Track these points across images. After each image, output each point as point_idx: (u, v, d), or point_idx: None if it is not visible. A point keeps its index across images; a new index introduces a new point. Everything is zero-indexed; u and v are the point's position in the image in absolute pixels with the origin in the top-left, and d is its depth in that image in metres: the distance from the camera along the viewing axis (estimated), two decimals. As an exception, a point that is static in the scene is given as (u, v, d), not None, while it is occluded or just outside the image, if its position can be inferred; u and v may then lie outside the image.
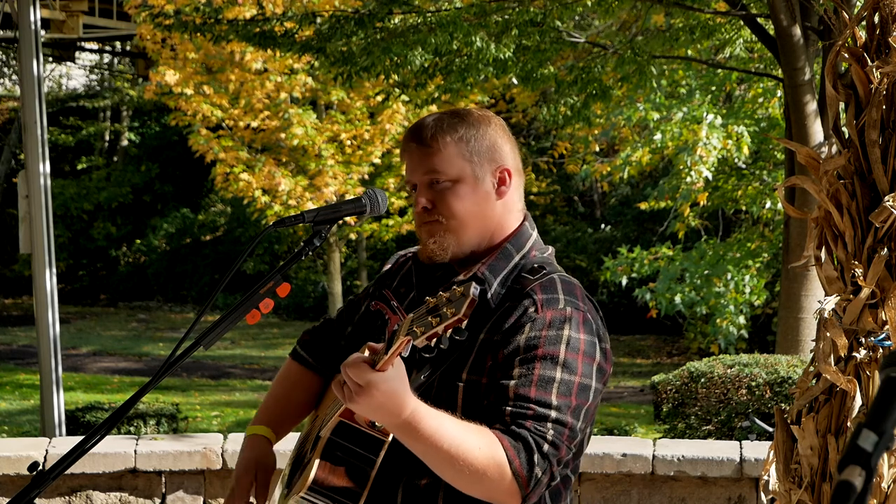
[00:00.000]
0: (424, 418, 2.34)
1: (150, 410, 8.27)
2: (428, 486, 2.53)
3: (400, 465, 2.54)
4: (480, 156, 2.60)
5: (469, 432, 2.37)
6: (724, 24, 10.13)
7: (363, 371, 2.29)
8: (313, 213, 2.59)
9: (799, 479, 3.77)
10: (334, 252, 15.65)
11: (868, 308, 3.66)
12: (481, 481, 2.37)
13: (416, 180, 2.62)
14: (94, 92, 26.36)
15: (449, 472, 2.38)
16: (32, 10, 8.37)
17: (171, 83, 14.12)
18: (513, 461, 2.37)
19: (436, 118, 2.63)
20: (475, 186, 2.59)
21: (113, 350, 17.22)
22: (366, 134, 14.56)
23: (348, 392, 2.32)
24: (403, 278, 2.76)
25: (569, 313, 2.50)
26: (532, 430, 2.40)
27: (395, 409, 2.31)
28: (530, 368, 2.44)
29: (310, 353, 2.90)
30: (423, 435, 2.34)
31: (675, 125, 12.62)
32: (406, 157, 2.64)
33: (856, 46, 3.72)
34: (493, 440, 2.38)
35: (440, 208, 2.58)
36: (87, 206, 23.48)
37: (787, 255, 8.81)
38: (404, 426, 2.34)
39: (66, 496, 5.89)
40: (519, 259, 2.61)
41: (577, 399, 2.45)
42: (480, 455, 2.35)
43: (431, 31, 8.54)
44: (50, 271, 8.38)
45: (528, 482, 2.38)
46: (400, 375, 2.32)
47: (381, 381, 2.28)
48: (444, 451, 2.35)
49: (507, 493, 2.39)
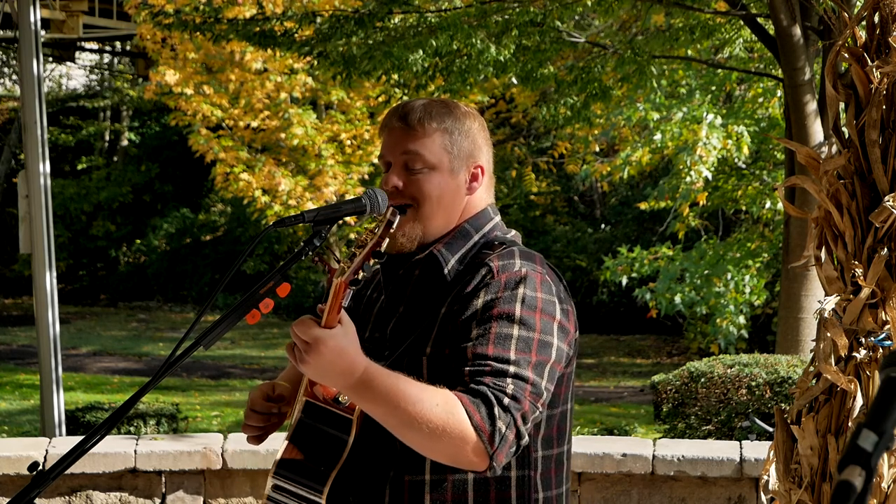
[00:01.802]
0: (379, 377, 2.30)
1: (150, 410, 8.27)
2: (413, 482, 2.52)
3: (386, 461, 2.53)
4: (460, 150, 2.62)
5: (426, 391, 2.33)
6: (724, 24, 10.13)
7: (309, 327, 2.27)
8: (313, 213, 2.59)
9: (799, 479, 3.77)
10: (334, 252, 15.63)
11: (868, 308, 3.66)
12: (442, 440, 2.31)
13: (392, 159, 2.62)
14: (94, 92, 26.37)
15: (409, 434, 2.33)
16: (32, 10, 8.37)
17: (171, 83, 14.13)
18: (472, 416, 2.32)
19: (425, 103, 2.64)
20: (449, 178, 2.60)
21: (113, 350, 17.23)
22: (366, 134, 14.56)
23: (299, 353, 2.29)
24: (376, 284, 2.79)
25: (524, 273, 2.50)
26: (490, 385, 2.36)
27: (347, 367, 2.28)
28: (487, 328, 2.43)
29: None
30: (380, 395, 2.30)
31: (674, 125, 12.62)
32: (386, 134, 2.65)
33: (856, 46, 3.72)
34: (451, 397, 2.34)
35: (411, 190, 2.59)
36: (87, 206, 23.49)
37: (787, 255, 8.81)
38: (359, 386, 2.30)
39: (66, 496, 5.89)
40: (478, 238, 2.62)
41: (537, 355, 2.43)
42: (439, 412, 2.30)
43: (432, 33, 8.54)
44: (50, 271, 8.39)
45: (491, 438, 2.32)
46: (348, 333, 2.30)
47: (328, 336, 2.26)
48: (401, 411, 2.30)
49: (473, 452, 2.33)
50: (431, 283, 2.59)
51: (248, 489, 5.99)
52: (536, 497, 2.55)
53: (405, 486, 2.53)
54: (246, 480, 5.98)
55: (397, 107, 2.67)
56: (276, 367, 16.34)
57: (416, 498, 2.52)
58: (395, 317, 2.63)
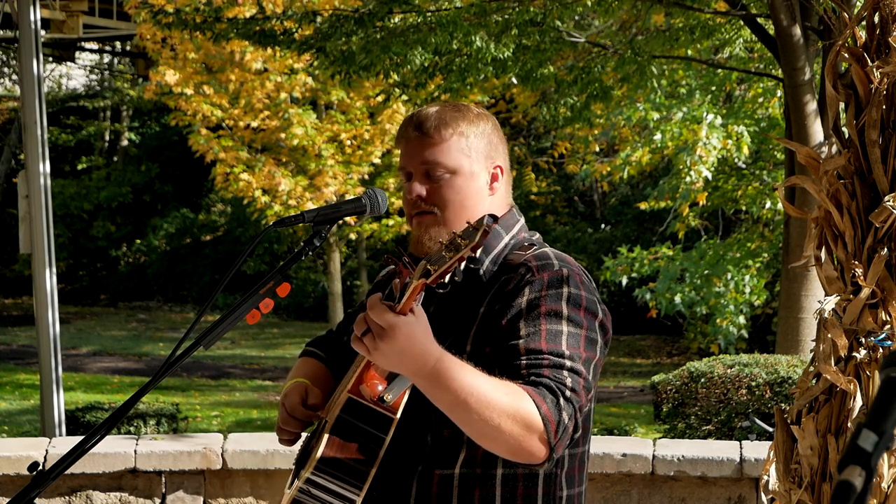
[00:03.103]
0: (451, 366, 2.30)
1: (150, 410, 8.27)
2: (443, 476, 2.53)
3: (415, 456, 2.53)
4: (478, 152, 2.63)
5: (495, 381, 2.34)
6: (724, 24, 10.12)
7: (384, 312, 2.27)
8: (313, 213, 2.59)
9: (799, 479, 3.77)
10: (334, 252, 15.65)
11: (868, 308, 3.66)
12: (511, 431, 2.32)
13: (412, 168, 2.63)
14: (94, 92, 26.37)
15: (477, 424, 2.33)
16: (32, 10, 8.37)
17: (171, 83, 14.12)
18: (540, 406, 2.34)
19: (438, 110, 2.65)
20: (470, 181, 2.62)
21: (113, 350, 17.23)
22: (366, 134, 14.56)
23: (370, 339, 2.28)
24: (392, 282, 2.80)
25: (566, 273, 2.53)
26: (551, 378, 2.39)
27: (420, 355, 2.28)
28: (536, 326, 2.46)
29: (320, 349, 2.92)
30: (451, 384, 2.30)
31: (675, 125, 12.62)
32: (403, 144, 2.65)
33: (856, 46, 3.72)
34: (518, 388, 2.35)
35: (434, 198, 2.60)
36: (87, 206, 23.49)
37: (787, 255, 8.81)
38: (431, 375, 2.30)
39: (66, 496, 5.89)
40: (508, 239, 2.65)
41: (585, 352, 2.47)
42: (509, 401, 2.32)
43: (431, 31, 8.54)
44: (50, 271, 8.39)
45: (556, 428, 2.34)
46: (422, 322, 2.30)
47: (403, 323, 2.26)
48: (474, 400, 2.30)
49: (537, 442, 2.34)
50: (466, 283, 2.60)
51: (248, 489, 5.99)
52: (560, 495, 2.58)
53: (434, 480, 2.53)
54: (246, 480, 5.98)
55: (411, 116, 2.67)
56: (275, 366, 16.34)
57: (445, 492, 2.53)
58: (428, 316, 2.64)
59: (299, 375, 2.81)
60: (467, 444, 2.49)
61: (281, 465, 5.90)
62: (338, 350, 2.90)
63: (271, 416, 12.53)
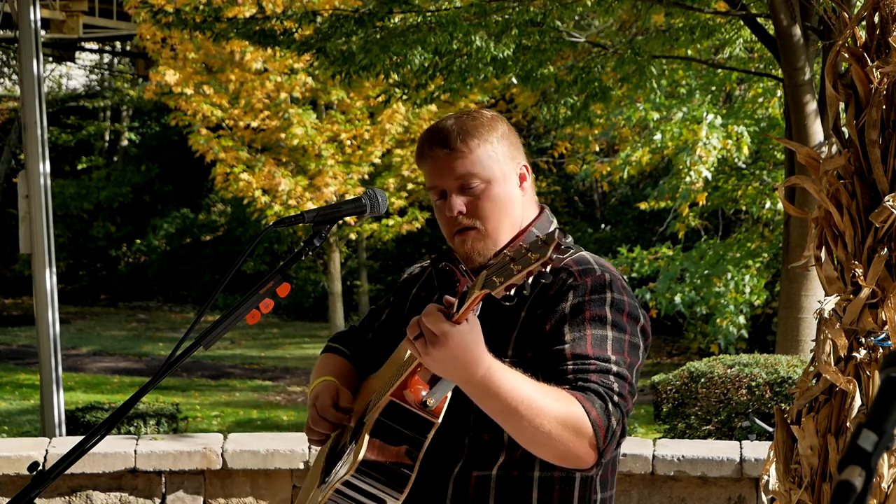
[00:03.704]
0: (500, 374, 2.31)
1: (150, 410, 8.27)
2: (480, 478, 2.53)
3: (451, 457, 2.54)
4: (504, 155, 2.63)
5: (544, 387, 2.35)
6: (724, 24, 10.12)
7: (439, 320, 2.27)
8: (313, 213, 2.59)
9: (799, 479, 3.77)
10: (334, 252, 15.65)
11: (868, 308, 3.66)
12: (561, 437, 2.33)
13: (446, 186, 2.61)
14: (94, 92, 26.37)
15: (527, 431, 2.34)
16: (32, 10, 8.37)
17: (171, 83, 14.12)
18: (590, 412, 2.35)
19: (456, 122, 2.63)
20: (504, 186, 2.62)
21: (113, 350, 17.23)
22: (366, 134, 14.56)
23: (422, 344, 2.29)
24: (423, 284, 2.81)
25: (608, 278, 2.55)
26: (598, 383, 2.41)
27: (471, 363, 2.29)
28: (581, 331, 2.47)
29: (344, 345, 2.92)
30: (501, 392, 2.31)
31: (674, 125, 12.62)
32: (429, 163, 2.62)
33: (856, 46, 3.72)
34: (567, 394, 2.36)
35: (476, 212, 2.59)
36: (87, 206, 23.49)
37: (787, 255, 8.80)
38: (481, 382, 2.31)
39: (66, 496, 5.89)
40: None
41: (629, 356, 2.48)
42: (559, 407, 2.33)
43: (431, 31, 8.54)
44: (50, 271, 8.39)
45: (605, 433, 2.36)
46: (475, 331, 2.30)
47: (456, 332, 2.26)
48: (524, 407, 2.31)
49: (587, 447, 2.36)
50: None
51: (248, 489, 5.99)
52: (595, 498, 2.59)
53: (471, 481, 2.54)
54: (246, 480, 5.98)
55: (431, 134, 2.65)
56: (275, 366, 16.34)
57: (481, 494, 2.53)
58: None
59: (326, 373, 2.81)
60: (507, 447, 2.51)
61: (281, 465, 5.90)
62: (362, 347, 2.90)
63: (271, 416, 12.53)
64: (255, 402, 13.38)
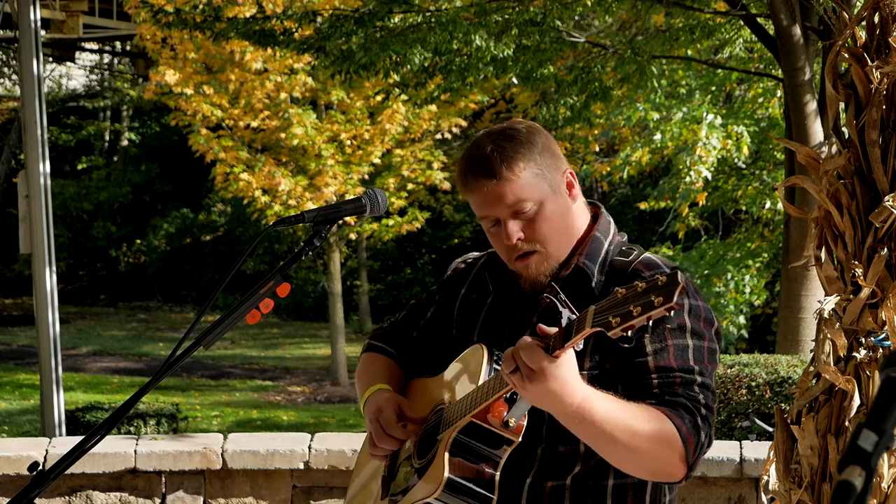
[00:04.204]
0: (596, 404, 2.32)
1: (150, 410, 8.27)
2: (554, 487, 2.54)
3: (523, 467, 2.54)
4: (549, 169, 2.57)
5: (634, 409, 2.36)
6: (724, 24, 10.12)
7: (538, 356, 2.26)
8: (313, 213, 2.59)
9: (799, 479, 3.77)
10: (334, 252, 15.65)
11: (868, 308, 3.66)
12: (653, 455, 2.36)
13: (499, 215, 2.55)
14: (94, 92, 26.37)
15: (621, 453, 2.37)
16: (32, 10, 8.37)
17: (171, 83, 14.12)
18: (680, 428, 2.37)
19: (494, 145, 2.55)
20: (556, 201, 2.56)
21: (113, 350, 17.23)
22: (366, 134, 14.56)
23: (518, 378, 2.28)
24: (473, 285, 2.76)
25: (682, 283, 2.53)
26: (685, 396, 2.41)
27: (568, 395, 2.29)
28: (663, 341, 2.46)
29: (388, 344, 2.89)
30: (595, 420, 2.32)
31: (674, 125, 12.61)
32: (476, 194, 2.56)
33: (856, 46, 3.72)
34: (657, 413, 2.37)
35: (534, 235, 2.54)
36: (87, 206, 23.49)
37: (787, 255, 8.80)
38: (576, 413, 2.32)
39: (66, 496, 5.89)
40: (608, 245, 2.61)
41: (710, 364, 2.49)
42: (651, 428, 2.35)
43: (431, 30, 8.54)
44: (50, 271, 8.39)
45: (695, 448, 2.38)
46: (572, 363, 2.30)
47: (555, 367, 2.26)
48: (618, 433, 2.33)
49: (678, 463, 2.38)
50: (575, 293, 2.55)
51: (248, 489, 5.99)
52: (664, 500, 2.61)
53: (545, 491, 2.54)
54: (246, 480, 5.98)
55: (471, 162, 2.57)
56: (275, 366, 16.34)
57: (556, 502, 2.54)
58: (529, 326, 2.59)
59: (377, 378, 2.79)
60: (583, 458, 2.52)
61: (281, 465, 5.89)
62: (407, 345, 2.87)
63: (271, 416, 12.53)
64: (255, 402, 13.38)
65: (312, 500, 5.94)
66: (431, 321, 2.83)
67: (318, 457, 5.84)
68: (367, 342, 2.93)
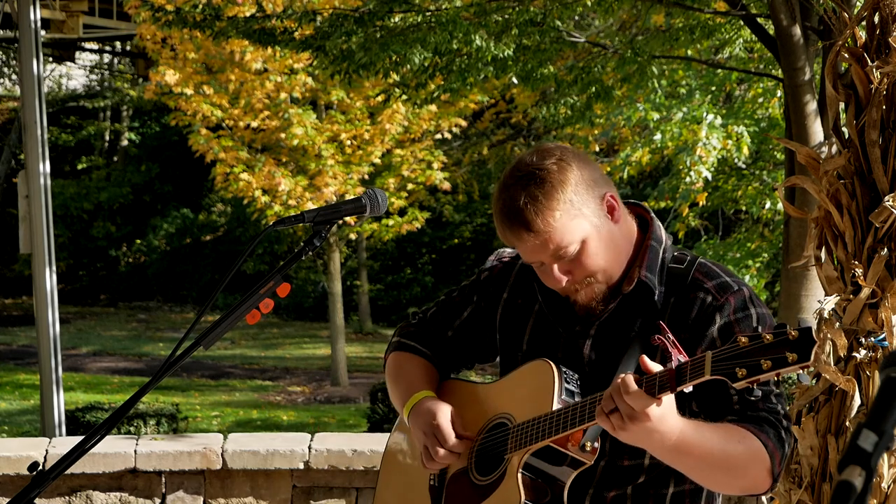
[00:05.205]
0: (691, 438, 2.35)
1: (150, 410, 8.27)
2: (616, 496, 2.56)
3: (583, 479, 2.55)
4: (585, 202, 2.52)
5: (726, 434, 2.40)
6: (724, 24, 10.12)
7: (642, 399, 2.27)
8: (313, 213, 2.58)
9: (799, 479, 3.77)
10: (334, 252, 15.65)
11: (868, 308, 3.66)
12: (746, 475, 2.41)
13: (544, 260, 2.54)
14: (94, 92, 26.37)
15: (716, 478, 2.43)
16: (32, 10, 8.38)
17: (171, 83, 14.12)
18: (767, 444, 2.41)
19: (527, 196, 2.50)
20: (599, 233, 2.53)
21: (113, 350, 17.23)
22: (366, 134, 14.56)
23: (618, 419, 2.29)
24: (517, 288, 2.73)
25: (746, 293, 2.54)
26: (766, 410, 2.45)
27: (667, 433, 2.32)
28: None
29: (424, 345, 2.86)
30: (692, 452, 2.36)
31: (674, 125, 12.61)
32: (518, 245, 2.55)
33: (856, 46, 3.71)
34: (744, 433, 2.41)
35: (580, 272, 2.53)
36: (87, 206, 23.49)
37: (787, 255, 8.80)
38: (673, 448, 2.35)
39: (66, 496, 5.89)
40: (663, 253, 2.60)
41: None
42: (742, 450, 2.39)
43: (431, 30, 8.53)
44: (50, 271, 8.39)
45: (781, 460, 2.43)
46: (671, 401, 2.32)
47: (657, 409, 2.28)
48: (714, 463, 2.38)
49: (766, 477, 2.43)
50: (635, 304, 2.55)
51: (248, 489, 5.99)
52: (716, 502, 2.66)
53: (607, 500, 2.57)
54: (246, 480, 5.98)
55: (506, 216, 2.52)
56: (275, 366, 16.34)
57: None
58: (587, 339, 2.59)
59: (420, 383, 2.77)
60: (647, 470, 2.55)
61: (281, 465, 5.89)
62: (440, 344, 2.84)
63: (271, 416, 12.53)
64: (255, 402, 13.38)
65: (312, 500, 5.94)
66: (469, 322, 2.80)
67: (317, 457, 5.84)
68: (397, 340, 2.88)
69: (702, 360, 2.24)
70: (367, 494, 5.82)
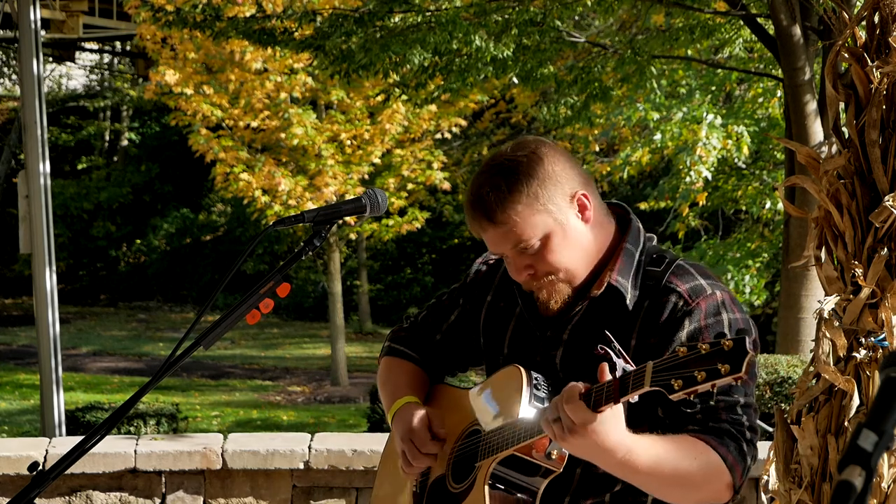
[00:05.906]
0: (640, 455, 2.29)
1: (150, 410, 8.27)
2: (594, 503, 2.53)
3: (560, 486, 2.52)
4: (553, 200, 2.49)
5: (680, 449, 2.34)
6: (724, 24, 10.12)
7: (581, 411, 2.21)
8: (313, 213, 2.58)
9: (799, 479, 3.77)
10: (334, 252, 15.65)
11: (868, 308, 3.66)
12: (701, 490, 2.37)
13: (504, 252, 2.52)
14: (94, 92, 26.36)
15: (670, 492, 2.39)
16: (32, 10, 8.37)
17: (171, 83, 14.11)
18: (726, 458, 2.36)
19: (492, 186, 2.48)
20: (564, 230, 2.49)
21: (113, 350, 17.23)
22: (366, 134, 14.55)
23: (559, 429, 2.25)
24: (500, 291, 2.71)
25: (720, 297, 2.46)
26: (729, 422, 2.39)
27: (610, 450, 2.26)
28: None
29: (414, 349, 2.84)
30: (641, 469, 2.31)
31: (674, 125, 12.61)
32: (481, 233, 2.53)
33: (856, 46, 3.71)
34: (701, 447, 2.36)
35: (542, 267, 2.49)
36: (87, 206, 23.49)
37: (787, 255, 8.80)
38: (620, 464, 2.30)
39: (66, 496, 5.89)
40: (639, 255, 2.53)
41: (750, 380, 2.44)
42: (698, 465, 2.34)
43: (431, 30, 8.53)
44: (50, 271, 8.39)
45: (742, 473, 2.38)
46: (617, 415, 2.26)
47: (598, 422, 2.22)
48: (665, 475, 2.33)
49: (724, 490, 2.38)
50: (608, 308, 2.50)
51: (248, 489, 5.99)
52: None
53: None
54: (246, 480, 5.98)
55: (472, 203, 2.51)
56: (275, 366, 16.34)
57: None
58: (560, 345, 2.55)
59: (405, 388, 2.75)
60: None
61: (281, 465, 5.89)
62: (430, 348, 2.83)
63: (271, 416, 12.53)
64: (255, 402, 13.38)
65: (312, 500, 5.94)
66: (456, 325, 2.79)
67: (317, 457, 5.84)
68: (388, 345, 2.88)
69: (643, 370, 2.18)
70: (367, 494, 5.82)
